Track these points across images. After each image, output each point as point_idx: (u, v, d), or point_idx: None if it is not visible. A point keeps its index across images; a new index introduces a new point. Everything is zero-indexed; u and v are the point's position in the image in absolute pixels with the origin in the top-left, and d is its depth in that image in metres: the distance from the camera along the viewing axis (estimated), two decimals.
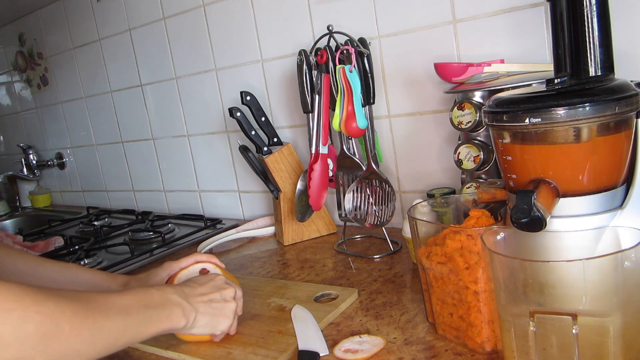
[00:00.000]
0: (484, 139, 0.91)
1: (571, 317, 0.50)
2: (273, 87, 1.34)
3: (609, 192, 0.57)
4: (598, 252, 0.56)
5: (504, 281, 0.55)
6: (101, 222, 1.68)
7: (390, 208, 1.05)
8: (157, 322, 0.63)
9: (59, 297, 0.52)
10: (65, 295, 0.53)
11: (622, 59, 0.67)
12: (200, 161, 1.59)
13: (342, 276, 0.96)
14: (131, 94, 1.71)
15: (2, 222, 2.08)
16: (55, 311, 0.50)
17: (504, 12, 0.97)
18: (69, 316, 0.51)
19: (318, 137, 1.10)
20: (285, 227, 1.20)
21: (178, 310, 0.66)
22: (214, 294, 0.71)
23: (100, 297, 0.57)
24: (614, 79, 0.58)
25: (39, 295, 0.50)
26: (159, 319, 0.63)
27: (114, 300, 0.58)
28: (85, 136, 1.96)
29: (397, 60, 1.12)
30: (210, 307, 0.70)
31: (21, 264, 0.78)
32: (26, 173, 2.17)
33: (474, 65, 0.94)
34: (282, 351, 0.71)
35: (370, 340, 0.70)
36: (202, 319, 0.69)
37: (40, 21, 1.95)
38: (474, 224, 0.67)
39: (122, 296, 0.60)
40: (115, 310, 0.57)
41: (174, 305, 0.66)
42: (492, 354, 0.64)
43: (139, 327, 0.60)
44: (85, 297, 0.56)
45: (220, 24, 1.40)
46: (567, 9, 0.60)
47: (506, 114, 0.57)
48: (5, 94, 2.30)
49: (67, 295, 0.53)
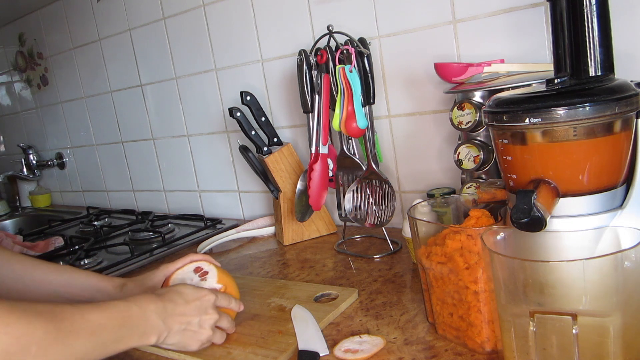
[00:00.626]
0: (484, 139, 0.91)
1: (571, 317, 0.50)
2: (273, 87, 1.34)
3: (609, 192, 0.57)
4: (598, 252, 0.56)
5: (504, 281, 0.55)
6: (101, 222, 1.68)
7: (390, 208, 1.05)
8: (128, 340, 0.63)
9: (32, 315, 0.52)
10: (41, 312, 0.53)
11: (622, 59, 0.67)
12: (200, 161, 1.59)
13: (342, 276, 0.96)
14: (131, 94, 1.71)
15: (2, 222, 2.08)
16: (25, 333, 0.50)
17: (504, 12, 0.97)
18: (39, 337, 0.51)
19: (318, 137, 1.10)
20: (285, 227, 1.20)
21: (152, 330, 0.66)
22: (194, 317, 0.70)
23: (77, 314, 0.57)
24: (614, 79, 0.58)
25: (11, 316, 0.50)
26: (130, 338, 0.63)
27: (89, 318, 0.58)
28: (85, 136, 1.96)
29: (397, 60, 1.12)
30: (183, 330, 0.69)
31: (18, 267, 0.78)
32: (26, 173, 2.17)
33: (474, 65, 0.94)
34: (282, 351, 0.71)
35: (370, 340, 0.70)
36: (172, 339, 0.69)
37: (40, 21, 1.95)
38: (474, 224, 0.67)
39: (100, 312, 0.60)
40: (89, 330, 0.57)
41: (149, 326, 0.65)
42: (492, 354, 0.64)
43: (109, 346, 0.60)
44: (60, 313, 0.55)
45: (220, 24, 1.40)
46: (567, 9, 0.60)
47: (506, 114, 0.57)
48: (5, 94, 2.30)
49: (42, 313, 0.53)
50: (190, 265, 0.82)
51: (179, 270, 0.82)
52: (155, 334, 0.66)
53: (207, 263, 0.83)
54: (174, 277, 0.81)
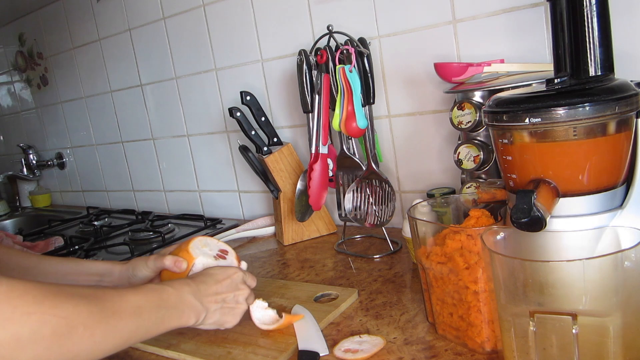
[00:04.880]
0: (484, 139, 0.91)
1: (571, 317, 0.50)
2: (273, 87, 1.34)
3: (609, 192, 0.57)
4: (598, 252, 0.56)
5: (504, 281, 0.55)
6: (101, 222, 1.68)
7: (390, 208, 1.05)
8: (168, 321, 0.65)
9: (76, 298, 0.54)
10: (83, 295, 0.55)
11: (622, 59, 0.67)
12: (200, 161, 1.59)
13: (342, 276, 0.96)
14: (131, 94, 1.71)
15: (2, 222, 2.08)
16: (72, 313, 0.52)
17: (503, 12, 0.97)
18: (84, 317, 0.53)
19: (318, 137, 1.10)
20: (285, 227, 1.20)
21: (190, 311, 0.68)
22: (228, 294, 0.73)
23: (116, 296, 0.59)
24: (614, 79, 0.58)
25: (57, 298, 0.52)
26: (170, 319, 0.65)
27: (129, 299, 0.60)
28: (85, 136, 1.96)
29: (397, 60, 1.12)
30: (221, 308, 0.72)
31: (24, 261, 0.80)
32: (26, 173, 2.17)
33: (474, 65, 0.94)
34: (282, 351, 0.71)
35: (370, 340, 0.70)
36: (211, 318, 0.71)
37: (40, 21, 1.95)
38: (474, 224, 0.67)
39: (137, 294, 0.62)
40: (130, 311, 0.59)
41: (187, 306, 0.67)
42: (492, 354, 0.64)
43: (151, 327, 0.62)
44: (102, 296, 0.57)
45: (220, 24, 1.40)
46: (567, 9, 0.60)
47: (506, 114, 0.57)
48: (5, 94, 2.30)
49: (84, 295, 0.55)
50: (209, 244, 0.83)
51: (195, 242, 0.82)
52: (194, 315, 0.68)
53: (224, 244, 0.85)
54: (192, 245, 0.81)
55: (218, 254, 0.82)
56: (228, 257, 0.82)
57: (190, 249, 0.81)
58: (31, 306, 0.49)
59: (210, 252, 0.82)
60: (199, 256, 0.80)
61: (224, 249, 0.84)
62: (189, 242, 0.82)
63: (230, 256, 0.83)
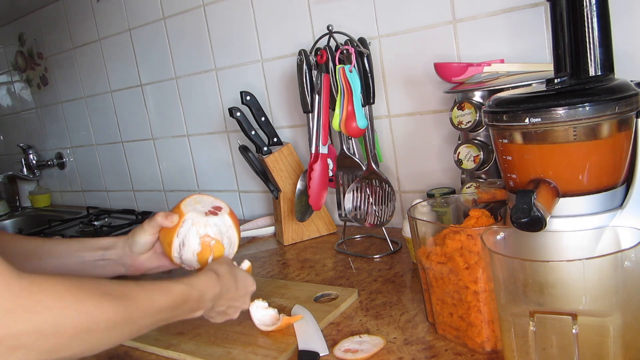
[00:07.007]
0: (484, 139, 0.91)
1: (571, 317, 0.50)
2: (273, 87, 1.34)
3: (609, 192, 0.57)
4: (598, 252, 0.56)
5: (504, 281, 0.55)
6: (101, 222, 1.68)
7: (390, 208, 1.05)
8: (178, 317, 0.66)
9: (100, 296, 0.54)
10: (108, 292, 0.56)
11: (622, 59, 0.67)
12: (200, 161, 1.59)
13: (342, 276, 0.96)
14: (131, 94, 1.71)
15: (2, 222, 2.08)
16: (94, 310, 0.53)
17: (503, 12, 0.97)
18: (107, 315, 0.54)
19: (318, 137, 1.10)
20: (285, 227, 1.20)
21: (200, 310, 0.70)
22: (236, 303, 0.74)
23: (143, 296, 0.60)
24: (614, 79, 0.58)
25: (80, 293, 0.52)
26: (181, 315, 0.67)
27: (156, 300, 0.61)
28: (85, 136, 1.96)
29: (397, 60, 1.12)
30: (225, 311, 0.74)
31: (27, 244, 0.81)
32: (26, 173, 2.17)
33: (474, 65, 0.94)
34: (282, 351, 0.71)
35: (370, 340, 0.70)
36: (209, 313, 0.73)
37: (40, 21, 1.95)
38: (474, 224, 0.67)
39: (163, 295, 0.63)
40: (151, 311, 0.60)
41: (201, 307, 0.69)
42: (492, 354, 0.64)
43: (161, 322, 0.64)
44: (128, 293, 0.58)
45: (220, 24, 1.40)
46: (567, 9, 0.60)
47: (506, 114, 0.57)
48: (5, 94, 2.30)
49: (109, 293, 0.56)
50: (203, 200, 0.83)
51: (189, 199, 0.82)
52: (202, 312, 0.70)
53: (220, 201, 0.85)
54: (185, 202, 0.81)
55: (210, 210, 0.81)
56: (220, 214, 0.81)
57: (183, 205, 0.81)
58: (53, 301, 0.50)
59: (202, 208, 0.81)
60: (189, 212, 0.79)
61: (217, 206, 0.83)
62: (184, 200, 0.82)
63: (223, 212, 0.82)
